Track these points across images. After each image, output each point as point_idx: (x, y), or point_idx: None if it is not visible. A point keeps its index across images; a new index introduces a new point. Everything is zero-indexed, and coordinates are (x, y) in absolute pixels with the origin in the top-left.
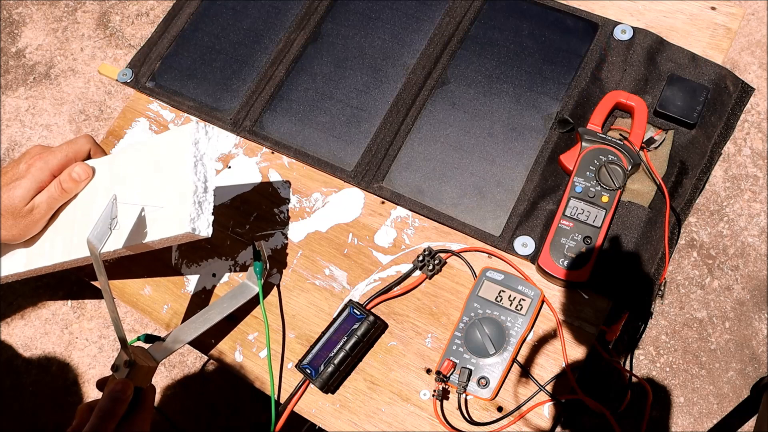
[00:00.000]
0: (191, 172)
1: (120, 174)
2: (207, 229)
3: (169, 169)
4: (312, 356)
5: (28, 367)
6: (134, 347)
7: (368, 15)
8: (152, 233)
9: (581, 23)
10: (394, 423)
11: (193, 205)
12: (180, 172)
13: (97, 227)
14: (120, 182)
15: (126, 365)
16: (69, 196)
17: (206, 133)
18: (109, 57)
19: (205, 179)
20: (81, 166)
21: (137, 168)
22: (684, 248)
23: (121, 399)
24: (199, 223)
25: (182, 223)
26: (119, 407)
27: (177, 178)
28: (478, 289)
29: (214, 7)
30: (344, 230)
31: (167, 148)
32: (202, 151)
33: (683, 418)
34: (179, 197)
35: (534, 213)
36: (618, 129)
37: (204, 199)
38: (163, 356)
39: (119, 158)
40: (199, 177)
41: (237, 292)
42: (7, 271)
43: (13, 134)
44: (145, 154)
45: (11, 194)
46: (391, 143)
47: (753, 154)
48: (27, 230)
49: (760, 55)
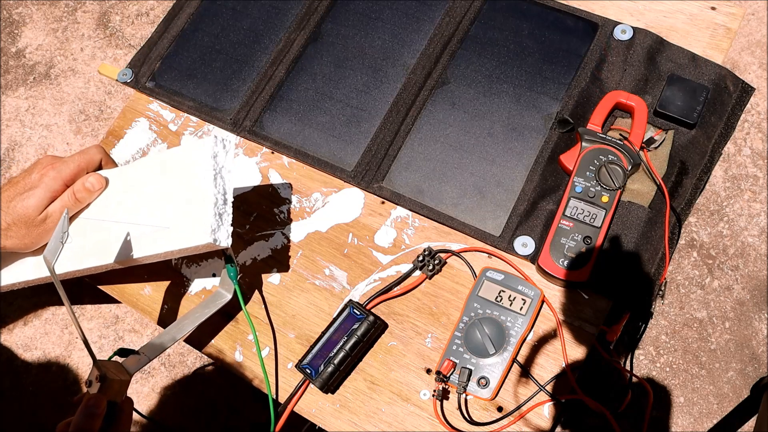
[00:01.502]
0: (211, 184)
1: (133, 185)
2: (227, 240)
3: (189, 182)
4: (312, 356)
5: (28, 367)
6: (107, 362)
7: (368, 15)
8: (170, 244)
9: (581, 23)
10: (394, 423)
11: (214, 216)
12: (200, 185)
13: (51, 242)
14: (134, 193)
15: (98, 380)
16: (82, 205)
17: (224, 146)
18: (109, 57)
19: (225, 191)
20: (95, 176)
21: (151, 179)
22: (684, 248)
23: (95, 414)
24: (220, 234)
25: (204, 234)
26: (93, 422)
27: (197, 190)
28: (478, 289)
29: (214, 7)
30: (344, 230)
31: (185, 161)
32: (221, 164)
33: (683, 418)
34: (200, 209)
35: (534, 213)
36: (618, 129)
37: (224, 211)
38: (137, 368)
39: (132, 169)
40: (219, 189)
41: (210, 300)
42: (16, 279)
43: (13, 134)
44: (159, 165)
45: (25, 203)
46: (391, 143)
47: (753, 154)
48: (39, 239)
49: (760, 55)
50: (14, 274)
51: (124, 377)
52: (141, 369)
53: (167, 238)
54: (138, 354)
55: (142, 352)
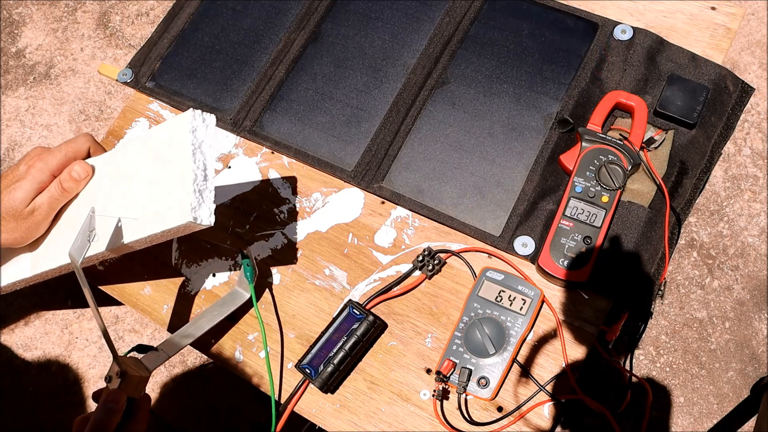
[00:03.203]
0: (190, 160)
1: (121, 169)
2: (209, 218)
3: (168, 160)
4: (312, 356)
5: (28, 367)
6: (127, 357)
7: (368, 15)
8: (153, 227)
9: (581, 23)
10: (394, 423)
11: (193, 193)
12: (179, 161)
13: (77, 240)
14: (122, 178)
15: (118, 375)
16: (70, 195)
17: (204, 120)
18: (109, 57)
19: (205, 167)
20: (80, 164)
21: (138, 161)
22: (684, 248)
23: (115, 410)
24: (201, 212)
25: (183, 212)
26: (113, 418)
27: (176, 167)
28: (478, 289)
29: (214, 7)
30: (344, 230)
31: (166, 138)
32: (200, 138)
33: (683, 418)
34: (179, 187)
35: (534, 213)
36: (618, 129)
37: (204, 188)
38: (155, 365)
39: (119, 153)
40: (198, 165)
41: (228, 299)
42: (14, 278)
43: (13, 134)
44: (144, 146)
45: (11, 196)
46: (391, 143)
47: (753, 154)
48: (29, 232)
49: (760, 55)
50: (12, 273)
51: (144, 374)
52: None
53: (150, 222)
54: (157, 350)
55: (161, 349)
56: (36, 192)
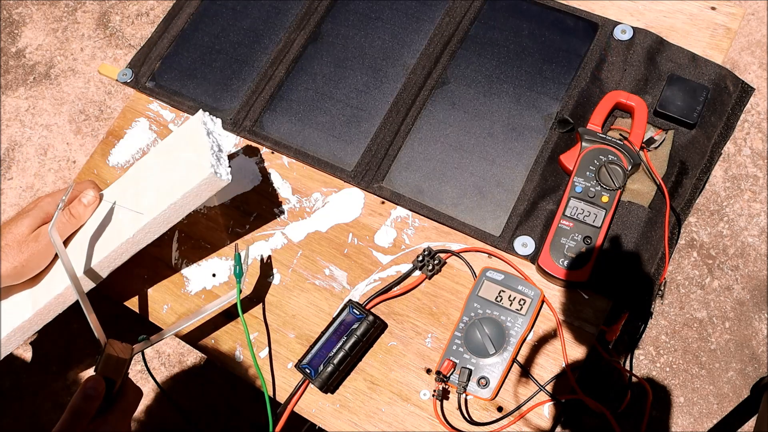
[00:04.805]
0: (205, 138)
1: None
2: (227, 176)
3: (182, 148)
4: (311, 356)
5: (28, 367)
6: (117, 342)
7: (368, 15)
8: (178, 190)
9: (581, 23)
10: (394, 423)
11: (212, 156)
12: (194, 143)
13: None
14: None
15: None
16: (78, 223)
17: (212, 119)
18: (109, 57)
19: (219, 146)
20: (92, 191)
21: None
22: (684, 248)
23: (93, 396)
24: (221, 169)
25: (204, 170)
26: (91, 404)
27: (191, 147)
28: (478, 289)
29: (214, 7)
30: (344, 230)
31: (177, 137)
32: (211, 128)
33: (683, 418)
34: (196, 157)
35: (534, 213)
36: (618, 129)
37: (221, 157)
38: (139, 350)
39: (131, 171)
40: (212, 140)
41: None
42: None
43: (13, 134)
44: (156, 153)
45: (18, 224)
46: (391, 143)
47: (753, 154)
48: (32, 260)
49: (760, 55)
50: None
51: (123, 356)
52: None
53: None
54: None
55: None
56: (42, 221)
